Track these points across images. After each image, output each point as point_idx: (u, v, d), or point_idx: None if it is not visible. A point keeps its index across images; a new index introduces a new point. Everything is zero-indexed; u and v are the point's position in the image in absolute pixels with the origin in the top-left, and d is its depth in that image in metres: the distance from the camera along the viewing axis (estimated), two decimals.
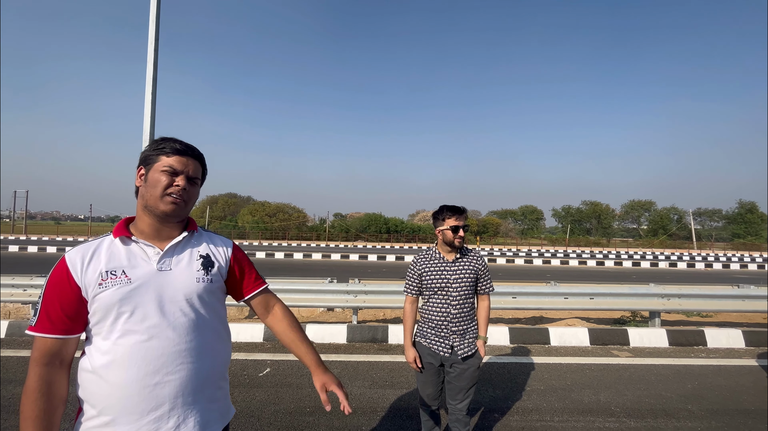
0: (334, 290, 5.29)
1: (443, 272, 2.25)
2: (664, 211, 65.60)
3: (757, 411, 3.21)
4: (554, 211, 71.27)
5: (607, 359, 4.45)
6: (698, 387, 3.70)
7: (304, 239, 50.85)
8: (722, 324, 6.25)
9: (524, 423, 2.95)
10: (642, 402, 3.35)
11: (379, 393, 3.43)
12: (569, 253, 29.00)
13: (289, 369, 3.96)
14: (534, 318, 6.42)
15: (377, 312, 6.67)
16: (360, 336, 4.91)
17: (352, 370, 3.97)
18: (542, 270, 18.65)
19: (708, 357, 4.60)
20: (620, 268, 20.71)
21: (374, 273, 14.69)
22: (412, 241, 49.29)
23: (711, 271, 20.02)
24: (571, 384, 3.71)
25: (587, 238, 58.92)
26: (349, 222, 61.25)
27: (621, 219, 70.94)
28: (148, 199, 1.08)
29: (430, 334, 2.26)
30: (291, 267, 16.36)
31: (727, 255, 31.29)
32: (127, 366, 1.00)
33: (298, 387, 3.51)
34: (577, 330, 5.04)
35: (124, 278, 1.03)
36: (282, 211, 58.42)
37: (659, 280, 13.79)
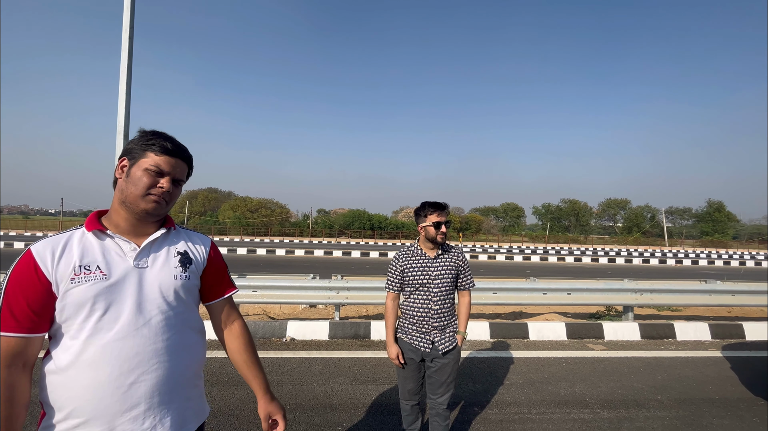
0: (316, 286, 5.25)
1: (425, 268, 2.26)
2: (638, 210, 68.00)
3: (720, 400, 3.37)
4: (535, 209, 72.89)
5: (583, 352, 4.59)
6: (667, 378, 3.86)
7: (287, 235, 50.31)
8: (691, 317, 6.54)
9: (503, 416, 3.01)
10: (615, 393, 3.47)
11: (361, 389, 3.44)
12: (548, 250, 29.73)
13: (269, 366, 3.91)
14: (514, 313, 6.55)
15: (360, 309, 6.67)
16: (342, 333, 4.90)
17: (334, 367, 3.96)
18: (523, 266, 19.06)
19: (677, 349, 4.80)
20: (597, 264, 21.37)
21: (358, 270, 14.68)
22: (395, 238, 49.48)
23: (681, 267, 20.91)
24: (549, 377, 3.81)
25: (566, 235, 60.53)
26: (333, 218, 60.92)
27: (598, 217, 73.15)
28: (128, 195, 1.04)
29: (411, 330, 2.27)
30: (273, 264, 16.17)
31: (696, 251, 32.74)
32: (101, 365, 0.96)
33: (278, 385, 3.48)
34: (555, 325, 5.17)
35: (99, 274, 0.99)
36: (264, 207, 57.52)
37: (633, 276, 14.29)
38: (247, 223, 52.82)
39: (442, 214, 2.23)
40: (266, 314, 6.51)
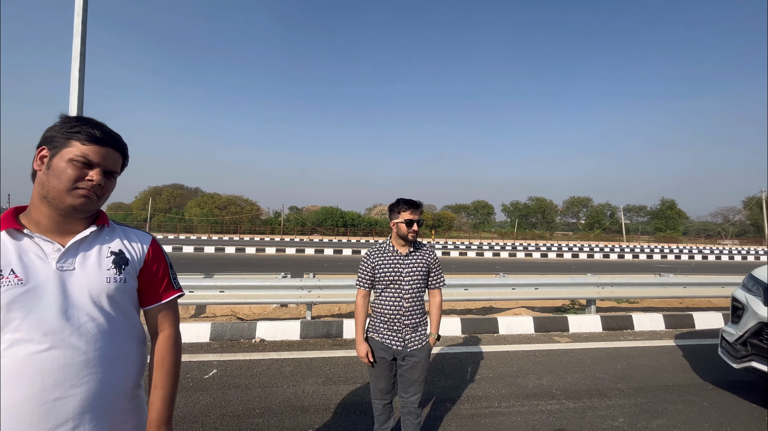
0: (287, 285, 5.12)
1: (396, 265, 2.23)
2: (599, 207, 71.63)
3: (674, 386, 3.58)
4: (504, 206, 75.17)
5: (550, 345, 4.75)
6: (627, 367, 4.06)
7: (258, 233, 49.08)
8: (647, 309, 6.93)
9: (474, 411, 3.05)
10: (579, 383, 3.61)
11: (333, 389, 3.38)
12: (517, 246, 30.73)
13: (237, 369, 3.77)
14: (484, 309, 6.70)
15: (332, 307, 6.58)
16: (314, 332, 4.81)
17: (305, 367, 3.87)
18: (492, 262, 19.57)
19: (635, 339, 5.07)
20: (562, 260, 22.30)
21: (330, 268, 14.53)
22: (368, 235, 49.43)
23: (637, 261, 22.22)
24: (517, 371, 3.91)
25: (533, 232, 62.82)
26: (305, 215, 60.04)
27: (563, 215, 76.42)
28: (50, 189, 0.93)
29: (382, 328, 2.25)
30: (243, 263, 15.70)
31: (650, 247, 34.91)
32: (20, 381, 0.86)
33: (247, 388, 3.36)
34: (523, 319, 5.33)
35: (13, 278, 0.88)
36: (234, 204, 55.79)
37: (594, 270, 15.03)
38: (215, 221, 51.06)
39: (416, 212, 2.21)
40: (235, 315, 6.30)
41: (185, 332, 4.60)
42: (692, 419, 2.98)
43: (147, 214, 52.27)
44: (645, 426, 2.86)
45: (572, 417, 2.97)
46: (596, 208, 71.83)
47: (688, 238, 58.75)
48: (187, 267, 12.99)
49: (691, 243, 49.83)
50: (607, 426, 2.85)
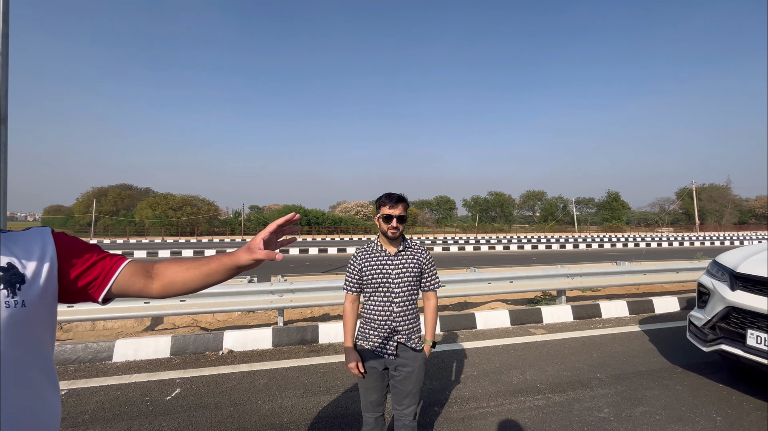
0: (255, 290, 4.76)
1: (384, 266, 2.05)
2: (553, 200, 75.61)
3: (648, 371, 3.70)
4: (465, 201, 77.21)
5: (527, 337, 4.79)
6: (602, 355, 4.16)
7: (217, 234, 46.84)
8: (610, 296, 7.27)
9: (464, 413, 2.94)
10: (561, 376, 3.63)
11: (313, 401, 3.14)
12: (479, 240, 31.65)
13: (204, 386, 3.42)
14: (460, 304, 6.69)
15: (304, 311, 6.28)
16: (288, 339, 4.51)
17: (281, 378, 3.59)
18: (459, 256, 19.93)
19: (604, 327, 5.25)
20: (522, 251, 23.21)
21: (297, 268, 14.05)
22: (333, 233, 48.77)
23: (591, 251, 23.62)
24: (500, 367, 3.87)
25: (493, 225, 65.13)
26: (267, 214, 58.08)
27: (519, 208, 79.80)
28: None
29: (372, 336, 2.06)
30: None
31: (600, 236, 37.36)
32: None
33: (217, 407, 3.03)
34: (500, 313, 5.35)
35: None
36: (189, 204, 52.69)
37: (553, 261, 15.74)
38: (169, 223, 48.02)
39: (395, 206, 2.02)
40: (197, 325, 5.82)
41: (140, 349, 4.13)
42: (670, 404, 3.06)
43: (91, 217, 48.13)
44: (629, 415, 2.90)
45: (560, 412, 2.95)
46: (550, 201, 75.76)
47: (631, 227, 63.63)
48: None
49: (633, 231, 53.97)
50: (594, 418, 2.86)
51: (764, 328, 2.91)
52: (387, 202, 2.03)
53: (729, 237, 35.25)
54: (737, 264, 3.31)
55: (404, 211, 2.04)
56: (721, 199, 65.55)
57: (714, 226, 59.23)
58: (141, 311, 4.48)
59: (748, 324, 3.02)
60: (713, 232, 45.51)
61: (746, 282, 3.15)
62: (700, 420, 2.81)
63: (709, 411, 2.95)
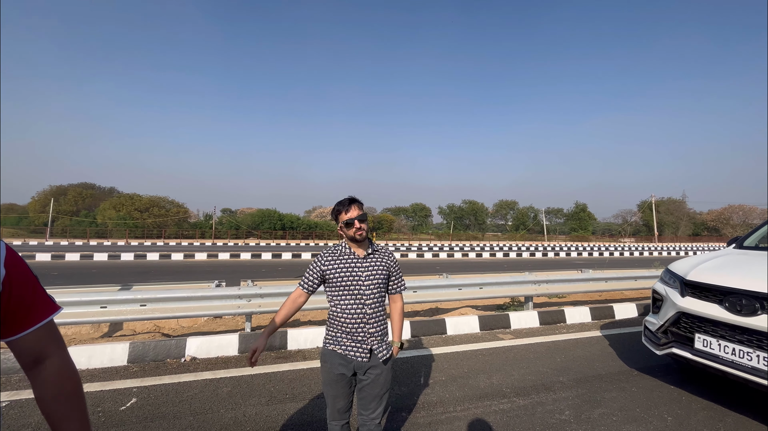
0: (222, 295, 4.61)
1: (354, 269, 2.05)
2: (524, 210, 78.09)
3: (607, 375, 3.86)
4: (440, 209, 78.38)
5: (495, 343, 4.89)
6: (565, 359, 4.30)
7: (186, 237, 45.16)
8: (574, 302, 7.55)
9: (430, 418, 2.96)
10: (526, 380, 3.72)
11: (278, 409, 3.06)
12: (453, 247, 32.15)
13: (162, 395, 3.26)
14: (431, 310, 6.75)
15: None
16: None
17: (245, 386, 3.48)
18: (433, 263, 20.13)
19: (568, 332, 5.44)
20: (495, 259, 23.75)
21: (269, 273, 13.74)
22: (308, 238, 48.18)
23: (559, 259, 24.49)
24: (468, 371, 3.92)
25: (467, 233, 66.40)
26: (240, 218, 56.60)
27: (492, 216, 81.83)
28: None
29: (344, 340, 2.04)
30: (168, 271, 14.18)
31: (567, 245, 38.87)
32: None
33: (175, 417, 2.90)
34: (469, 318, 5.43)
35: None
36: (157, 206, 50.64)
37: (524, 268, 16.18)
38: (134, 225, 45.91)
39: (349, 210, 2.04)
40: (159, 331, 5.56)
41: (94, 356, 3.90)
42: (626, 405, 3.20)
43: (48, 217, 45.25)
44: (588, 417, 3.00)
45: (524, 415, 3.02)
46: (522, 210, 78.18)
47: (596, 237, 66.60)
48: (98, 278, 11.38)
49: (598, 241, 56.52)
50: (555, 420, 2.94)
51: (710, 332, 3.11)
52: (341, 209, 2.04)
53: (684, 247, 37.61)
54: (687, 271, 3.52)
55: (361, 210, 2.05)
56: (678, 212, 69.97)
57: (671, 237, 63.02)
58: (97, 316, 4.24)
59: (696, 328, 3.22)
60: (670, 243, 48.45)
61: (695, 289, 3.36)
62: (653, 421, 2.95)
63: (661, 411, 3.10)
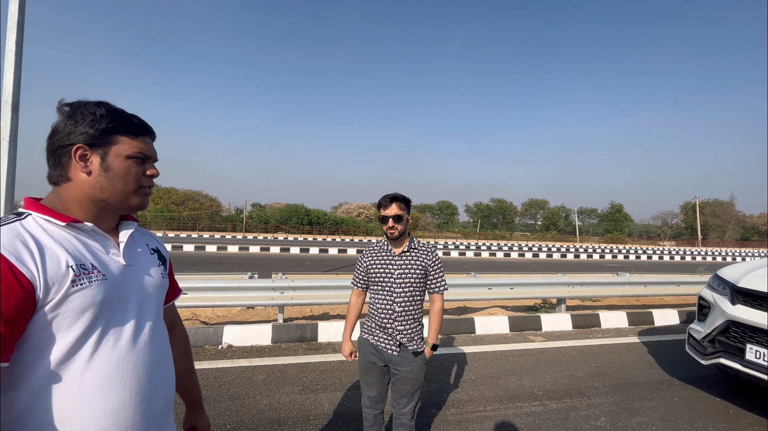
0: (257, 287, 4.79)
1: (387, 265, 2.09)
2: (555, 209, 75.57)
3: (646, 383, 3.71)
4: (467, 207, 77.25)
5: (525, 344, 4.80)
6: (600, 364, 4.17)
7: (218, 230, 46.94)
8: (609, 307, 7.27)
9: (460, 416, 2.96)
10: (558, 383, 3.63)
11: (311, 398, 3.16)
12: (480, 246, 31.63)
13: (203, 379, 3.44)
14: (459, 309, 6.70)
15: (304, 309, 6.30)
16: (287, 336, 4.53)
17: (279, 375, 3.61)
18: (459, 261, 19.93)
19: (603, 337, 5.25)
20: (523, 259, 23.17)
21: (297, 267, 14.08)
22: (334, 233, 48.84)
23: (592, 261, 23.57)
24: (498, 372, 3.88)
25: (494, 232, 65.05)
26: (269, 212, 58.19)
27: (521, 216, 79.78)
28: (114, 193, 0.84)
29: (377, 331, 2.10)
30: (203, 261, 14.85)
31: (601, 247, 37.30)
32: (122, 381, 0.79)
33: (215, 400, 3.06)
34: (499, 319, 5.36)
35: (98, 274, 0.78)
36: (192, 199, 52.95)
37: (554, 269, 15.71)
38: (171, 217, 48.23)
39: (387, 207, 2.06)
40: (196, 318, 5.85)
41: None
42: (667, 415, 3.07)
43: None
44: (626, 425, 2.90)
45: (557, 419, 2.96)
46: (552, 210, 75.72)
47: (632, 239, 63.48)
48: None
49: (635, 244, 53.85)
50: (590, 427, 2.86)
51: (764, 343, 2.92)
52: (381, 203, 2.09)
53: (731, 253, 35.13)
54: (739, 278, 3.31)
55: (400, 209, 2.06)
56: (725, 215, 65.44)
57: (716, 242, 59.07)
58: None
59: (748, 338, 3.03)
60: (715, 248, 45.35)
61: (747, 296, 3.16)
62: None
63: (705, 424, 2.95)
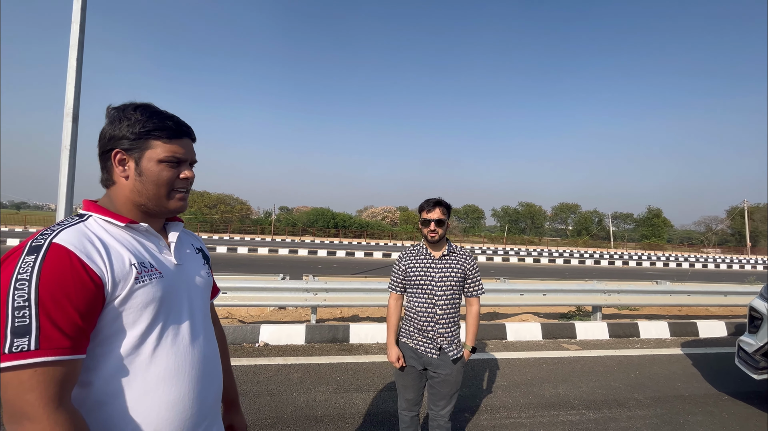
0: (292, 288, 4.95)
1: (428, 269, 2.13)
2: (587, 214, 72.74)
3: (690, 396, 3.54)
4: (494, 211, 75.79)
5: (560, 352, 4.69)
6: (639, 376, 4.01)
7: (248, 233, 48.42)
8: (648, 316, 6.95)
9: (494, 421, 2.95)
10: (595, 393, 3.54)
11: (346, 397, 3.24)
12: (508, 251, 30.91)
13: (242, 375, 3.60)
14: (489, 314, 6.62)
15: (334, 311, 6.43)
16: (320, 337, 4.65)
17: (314, 374, 3.72)
18: (486, 266, 19.59)
19: (642, 347, 5.04)
20: (554, 265, 22.47)
21: (325, 269, 14.33)
22: (360, 237, 49.24)
23: (628, 268, 22.52)
24: (531, 379, 3.82)
25: (522, 237, 63.36)
26: (296, 216, 59.48)
27: (551, 220, 77.35)
28: (150, 197, 0.86)
29: (416, 335, 2.14)
30: (236, 263, 15.38)
31: (638, 254, 35.53)
32: (181, 375, 0.84)
33: (255, 396, 3.20)
34: (531, 325, 5.26)
35: (155, 272, 0.83)
36: (223, 203, 54.94)
37: (587, 276, 15.13)
38: (204, 220, 50.20)
39: (431, 210, 2.12)
40: (233, 317, 6.09)
41: None
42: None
43: None
44: None
45: (594, 429, 2.89)
46: (584, 214, 72.94)
47: (672, 246, 60.03)
48: None
49: (675, 251, 50.89)
50: None
51: None
52: (425, 207, 2.15)
53: None
54: None
55: (442, 214, 2.12)
56: None
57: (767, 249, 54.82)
58: None
59: None
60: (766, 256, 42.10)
61: None
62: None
63: None
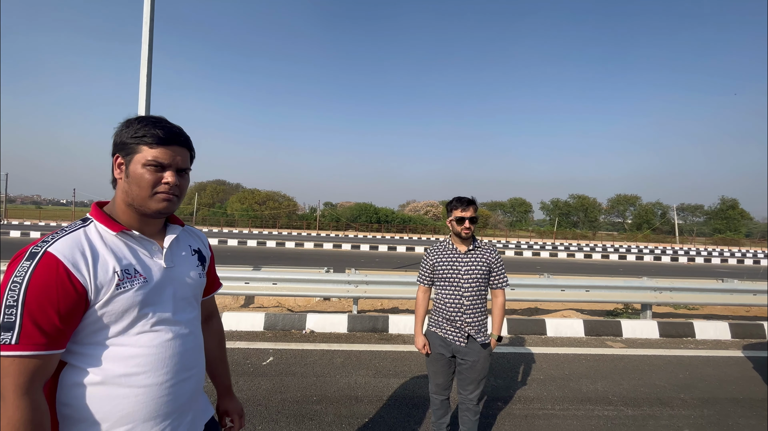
0: (334, 280, 5.29)
1: (454, 263, 2.28)
2: (648, 206, 67.04)
3: (745, 400, 3.35)
4: (543, 204, 72.25)
5: (602, 350, 4.59)
6: (689, 377, 3.84)
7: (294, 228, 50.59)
8: (709, 316, 6.48)
9: (527, 411, 3.03)
10: (637, 391, 3.47)
11: (384, 382, 3.48)
12: (557, 246, 29.53)
13: (292, 358, 3.97)
14: (529, 310, 6.55)
15: (375, 302, 6.71)
16: (360, 326, 4.95)
17: (355, 359, 4.01)
18: (532, 262, 18.96)
19: (697, 348, 4.77)
20: (607, 261, 21.18)
21: (367, 263, 14.73)
22: (402, 232, 49.47)
23: (694, 265, 20.65)
24: (569, 374, 3.82)
25: (574, 231, 59.97)
26: (340, 211, 60.99)
27: (607, 213, 72.30)
28: (134, 197, 0.95)
29: (444, 324, 2.30)
30: (284, 256, 16.29)
31: (708, 249, 32.27)
32: (160, 364, 0.95)
33: (303, 376, 3.54)
34: (573, 322, 5.16)
35: (140, 278, 0.94)
36: (272, 199, 57.79)
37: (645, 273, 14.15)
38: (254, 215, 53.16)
39: (466, 209, 2.24)
40: (282, 306, 6.59)
41: (241, 321, 4.90)
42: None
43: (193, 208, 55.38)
44: None
45: (632, 425, 2.88)
46: (645, 206, 67.30)
47: (751, 241, 53.66)
48: (234, 260, 13.69)
49: (755, 246, 45.50)
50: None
51: None
52: (459, 206, 2.27)
53: None
54: None
55: (475, 212, 2.26)
56: None
57: None
58: (241, 290, 5.29)
59: None
60: None
61: None
62: None
63: None
